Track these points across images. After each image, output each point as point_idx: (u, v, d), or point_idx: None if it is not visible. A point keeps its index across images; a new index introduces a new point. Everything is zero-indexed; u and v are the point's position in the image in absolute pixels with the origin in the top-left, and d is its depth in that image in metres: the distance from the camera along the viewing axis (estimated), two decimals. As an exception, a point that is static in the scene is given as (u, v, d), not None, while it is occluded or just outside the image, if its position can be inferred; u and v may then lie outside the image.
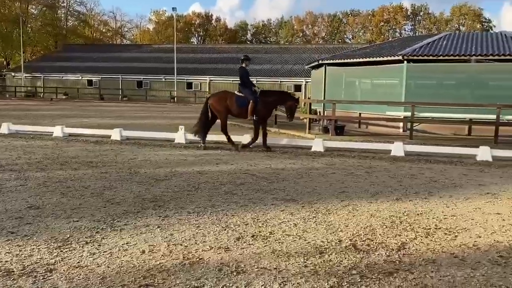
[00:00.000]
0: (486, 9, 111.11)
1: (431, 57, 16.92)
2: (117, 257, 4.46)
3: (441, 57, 16.82)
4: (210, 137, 13.91)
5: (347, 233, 5.33)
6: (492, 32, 26.32)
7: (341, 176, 8.89)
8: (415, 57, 17.01)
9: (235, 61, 52.58)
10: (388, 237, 5.21)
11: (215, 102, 12.39)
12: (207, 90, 47.12)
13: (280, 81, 46.86)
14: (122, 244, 4.81)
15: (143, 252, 4.60)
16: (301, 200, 6.85)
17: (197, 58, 55.17)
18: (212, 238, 5.05)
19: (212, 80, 49.57)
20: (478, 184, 8.40)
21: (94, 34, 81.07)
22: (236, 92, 12.50)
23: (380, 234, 5.31)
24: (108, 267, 4.22)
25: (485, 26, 63.69)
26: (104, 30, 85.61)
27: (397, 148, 11.85)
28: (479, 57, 16.63)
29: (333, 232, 5.34)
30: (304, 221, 5.78)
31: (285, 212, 6.15)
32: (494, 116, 14.64)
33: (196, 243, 4.89)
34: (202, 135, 12.46)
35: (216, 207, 6.31)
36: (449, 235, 5.35)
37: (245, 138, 12.80)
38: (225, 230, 5.35)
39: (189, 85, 50.46)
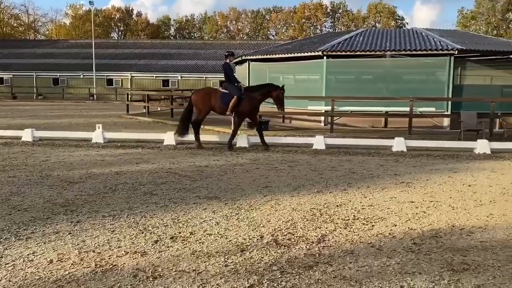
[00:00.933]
0: (399, 7, 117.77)
1: (348, 53, 17.50)
2: (21, 269, 4.08)
3: (358, 53, 17.45)
4: (130, 135, 13.43)
5: (269, 228, 5.30)
6: (405, 28, 27.79)
7: (264, 171, 8.89)
8: (333, 53, 17.52)
9: (158, 56, 51.43)
10: (308, 230, 5.24)
11: (199, 99, 12.04)
12: (129, 87, 45.56)
13: (205, 77, 46.47)
14: (28, 254, 4.41)
15: (51, 261, 4.25)
16: (224, 197, 6.74)
17: (118, 54, 53.16)
18: (128, 243, 4.78)
19: (134, 76, 48.02)
20: (393, 174, 8.78)
21: (4, 29, 75.34)
22: (220, 89, 12.16)
23: (301, 228, 5.33)
24: (10, 281, 3.84)
25: (399, 23, 67.45)
26: (15, 25, 79.84)
27: (319, 142, 12.11)
28: (393, 53, 17.47)
29: (255, 228, 5.28)
30: (226, 218, 5.67)
31: (207, 211, 6.01)
32: (407, 109, 15.46)
33: (110, 248, 4.60)
34: (194, 134, 12.06)
35: (134, 209, 6.02)
36: (367, 225, 5.49)
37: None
38: (142, 233, 5.10)
39: (110, 82, 48.47)
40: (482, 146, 11.63)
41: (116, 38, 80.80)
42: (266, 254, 4.47)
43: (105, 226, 5.31)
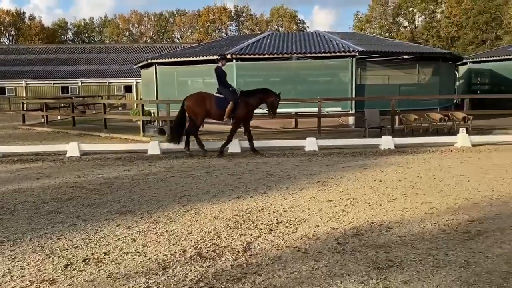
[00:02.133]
0: (300, 12, 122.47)
1: (257, 56, 17.65)
2: None
3: (266, 55, 17.66)
4: (28, 147, 12.32)
5: (191, 241, 5.02)
6: (307, 32, 28.80)
7: (181, 179, 8.56)
8: (242, 56, 17.55)
9: (56, 62, 48.20)
10: (233, 239, 5.05)
11: (193, 104, 11.49)
12: (24, 95, 42.13)
13: (109, 82, 44.41)
14: None
15: None
16: (139, 210, 6.32)
17: (9, 60, 48.92)
18: (33, 270, 4.24)
19: (29, 84, 44.50)
20: (309, 173, 8.91)
21: None
22: (214, 93, 11.63)
23: (225, 237, 5.12)
24: None
25: (300, 27, 70.02)
26: None
27: (234, 145, 11.99)
28: (299, 55, 17.93)
29: (176, 242, 4.98)
30: (143, 234, 5.29)
31: (122, 227, 5.57)
32: (316, 109, 15.92)
33: (12, 279, 4.04)
34: (185, 141, 11.54)
35: (38, 231, 5.40)
36: (290, 228, 5.43)
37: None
38: (49, 257, 4.56)
39: (1, 91, 44.49)
40: (386, 142, 12.28)
41: (6, 43, 74.52)
42: (191, 270, 4.21)
43: (4, 253, 4.68)
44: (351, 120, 17.98)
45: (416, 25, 55.98)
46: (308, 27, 69.54)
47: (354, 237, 5.06)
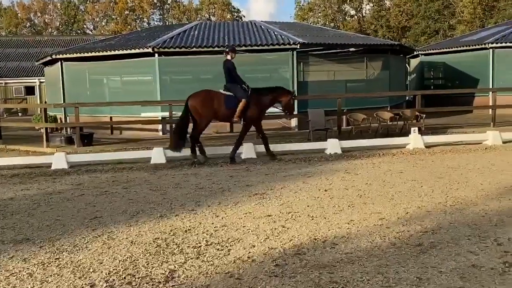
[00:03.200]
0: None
1: (183, 49, 17.49)
2: None
3: (194, 49, 17.55)
4: None
5: (102, 272, 4.82)
6: (243, 22, 29.01)
7: (92, 197, 8.26)
8: (166, 49, 17.34)
9: None
10: (153, 267, 4.91)
11: (199, 104, 11.34)
12: None
13: (5, 83, 42.32)
14: None
15: None
16: (39, 238, 6.01)
17: None
18: None
19: None
20: (245, 185, 8.90)
21: None
22: (221, 91, 11.52)
23: (143, 266, 4.97)
24: None
25: (235, 16, 70.49)
26: None
27: (158, 155, 11.78)
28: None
29: (84, 275, 4.76)
30: (43, 267, 5.02)
31: (16, 259, 5.26)
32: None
33: None
34: (190, 148, 11.43)
35: None
36: (222, 250, 5.37)
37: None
38: None
39: None
40: (332, 145, 12.56)
41: None
42: (101, 308, 4.03)
43: None
44: (293, 122, 18.27)
45: (364, 14, 58.13)
46: (243, 16, 70.09)
47: (295, 256, 5.08)
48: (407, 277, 4.44)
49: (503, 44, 22.27)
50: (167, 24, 63.39)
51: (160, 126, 17.58)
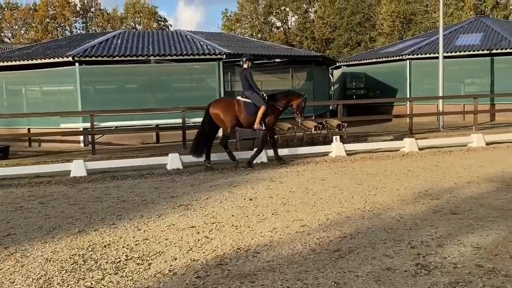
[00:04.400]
0: (161, 8, 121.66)
1: (106, 58, 17.07)
2: None
3: (117, 58, 17.18)
4: None
5: (13, 293, 4.57)
6: (167, 31, 28.76)
7: (5, 213, 7.83)
8: (87, 58, 16.84)
9: None
10: (69, 285, 4.72)
11: (222, 111, 11.79)
12: None
13: None
14: None
15: None
16: None
17: None
18: None
19: None
20: (170, 196, 8.78)
21: None
22: (241, 98, 12.01)
23: (58, 283, 4.76)
24: None
25: (161, 25, 69.73)
26: None
27: (78, 167, 11.37)
28: (158, 58, 17.76)
29: (-8, 297, 4.49)
30: None
31: None
32: (180, 120, 15.84)
33: None
34: (206, 153, 11.84)
35: None
36: (142, 264, 5.25)
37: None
38: None
39: None
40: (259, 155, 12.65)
41: None
42: (9, 331, 3.81)
43: None
44: (221, 131, 18.22)
45: (290, 26, 59.33)
46: (170, 26, 69.51)
47: (217, 267, 5.05)
48: (325, 282, 4.54)
49: (419, 56, 23.44)
50: (90, 32, 61.66)
51: (81, 137, 17.03)
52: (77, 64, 16.78)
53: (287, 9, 56.61)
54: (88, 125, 15.45)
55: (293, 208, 7.50)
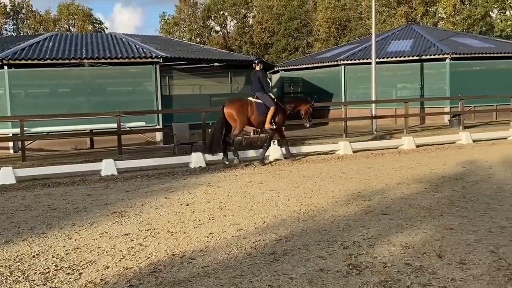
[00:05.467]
0: (96, 10, 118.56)
1: (36, 61, 16.45)
2: None
3: (48, 61, 16.58)
4: None
5: None
6: (102, 34, 28.08)
7: None
8: (17, 61, 16.17)
9: None
10: (-7, 299, 4.49)
11: (235, 111, 12.29)
12: None
13: None
14: None
15: None
16: None
17: None
18: None
19: None
20: (104, 203, 8.55)
21: None
22: (251, 99, 12.63)
23: (-19, 298, 4.52)
24: None
25: (97, 28, 68.02)
26: None
27: (6, 175, 10.88)
28: (91, 61, 17.29)
29: None
30: None
31: None
32: (115, 125, 15.46)
33: None
34: (223, 151, 12.41)
35: None
36: (73, 274, 5.08)
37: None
38: None
39: None
40: (196, 159, 12.60)
41: None
42: None
43: None
44: (158, 136, 18.03)
45: (229, 30, 59.44)
46: (106, 28, 67.91)
47: (151, 275, 4.96)
48: (260, 286, 4.56)
49: (353, 61, 24.07)
50: (21, 34, 59.29)
51: (11, 144, 16.30)
52: (5, 67, 16.06)
53: (226, 13, 56.72)
54: (18, 130, 14.80)
55: (230, 212, 7.49)
